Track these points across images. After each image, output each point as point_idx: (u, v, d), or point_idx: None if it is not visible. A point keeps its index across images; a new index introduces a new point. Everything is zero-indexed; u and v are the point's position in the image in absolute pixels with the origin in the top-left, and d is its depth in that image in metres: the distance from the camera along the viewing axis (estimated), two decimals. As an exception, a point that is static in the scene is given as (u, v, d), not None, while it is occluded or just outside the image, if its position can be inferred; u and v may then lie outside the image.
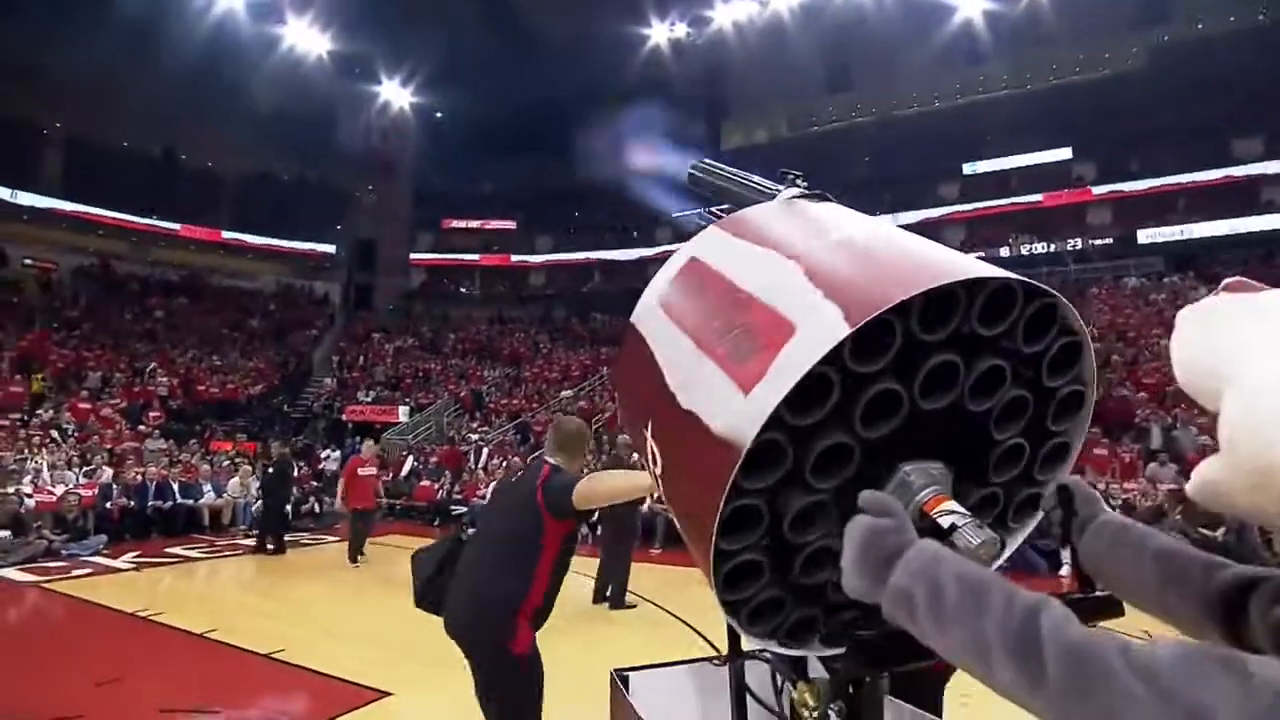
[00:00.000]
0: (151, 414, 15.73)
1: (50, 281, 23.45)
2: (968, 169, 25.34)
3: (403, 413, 19.39)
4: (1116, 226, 21.97)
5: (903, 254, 1.00)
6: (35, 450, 12.38)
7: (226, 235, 26.75)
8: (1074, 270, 20.57)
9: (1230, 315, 0.60)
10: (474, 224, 30.58)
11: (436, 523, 11.52)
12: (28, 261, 23.82)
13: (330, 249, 28.81)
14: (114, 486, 9.89)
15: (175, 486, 10.53)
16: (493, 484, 9.54)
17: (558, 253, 29.74)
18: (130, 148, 26.81)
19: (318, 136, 28.14)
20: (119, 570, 7.86)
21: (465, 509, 11.13)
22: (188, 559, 8.63)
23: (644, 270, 30.04)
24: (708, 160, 1.68)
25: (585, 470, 2.70)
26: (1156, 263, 19.65)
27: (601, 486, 2.42)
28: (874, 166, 28.52)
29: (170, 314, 23.19)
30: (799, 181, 1.37)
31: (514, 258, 30.30)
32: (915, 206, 25.81)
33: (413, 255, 30.38)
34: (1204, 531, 7.33)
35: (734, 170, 1.59)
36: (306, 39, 26.28)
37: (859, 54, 29.23)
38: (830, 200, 1.29)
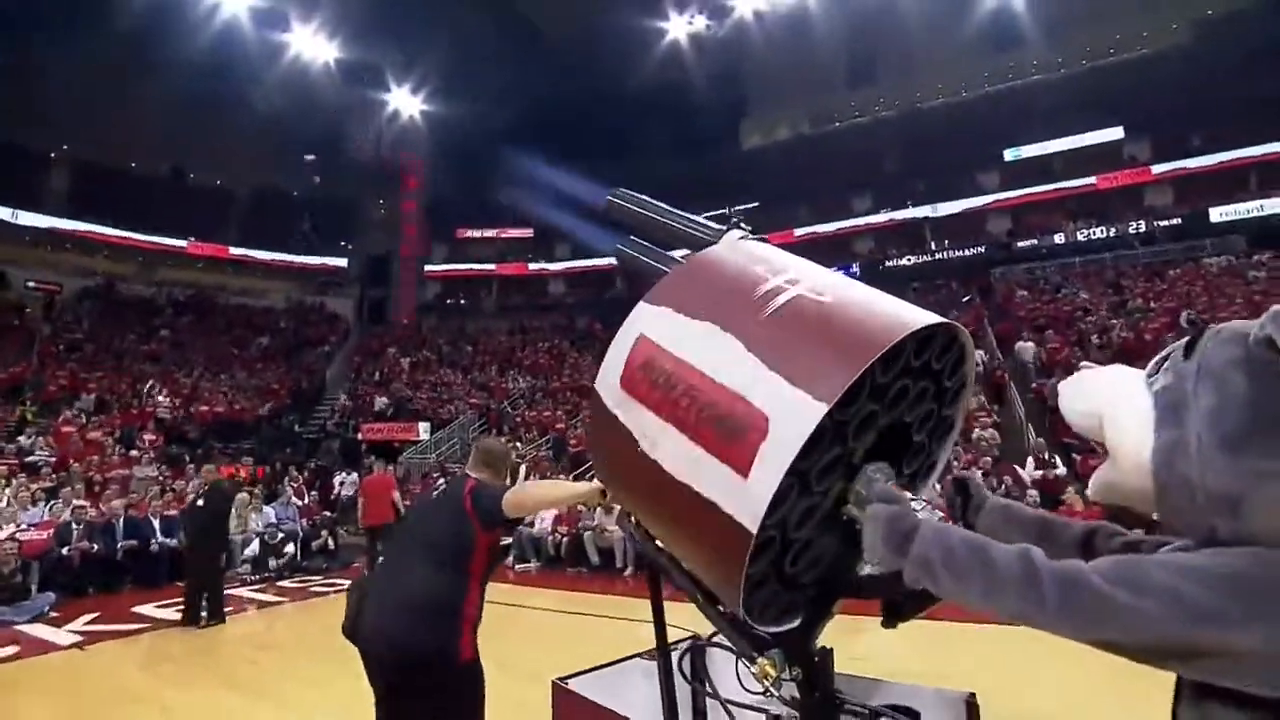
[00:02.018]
0: (146, 437, 13.46)
1: (54, 304, 21.52)
2: (1009, 155, 23.13)
3: (423, 429, 17.31)
4: (1181, 205, 19.68)
5: (857, 319, 1.12)
6: (4, 481, 10.21)
7: (234, 251, 24.73)
8: (1143, 253, 18.28)
9: (1096, 379, 0.92)
10: (489, 233, 28.43)
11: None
12: (31, 284, 21.97)
13: (342, 263, 26.70)
14: (74, 526, 7.58)
15: (156, 523, 8.22)
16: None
17: (577, 259, 27.44)
18: (137, 167, 25.09)
19: (327, 148, 26.27)
20: (55, 647, 5.53)
21: (510, 540, 8.83)
22: (158, 624, 6.28)
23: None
24: (625, 191, 1.64)
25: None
26: (1238, 241, 17.34)
27: (532, 495, 2.35)
28: (903, 159, 26.45)
29: (176, 333, 21.12)
30: (741, 224, 1.43)
31: (532, 266, 28.10)
32: (953, 196, 23.65)
33: (427, 267, 28.19)
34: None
35: (654, 202, 1.58)
36: (313, 47, 24.33)
37: (881, 47, 27.33)
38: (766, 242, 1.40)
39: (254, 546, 8.49)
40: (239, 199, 26.44)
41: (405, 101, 26.91)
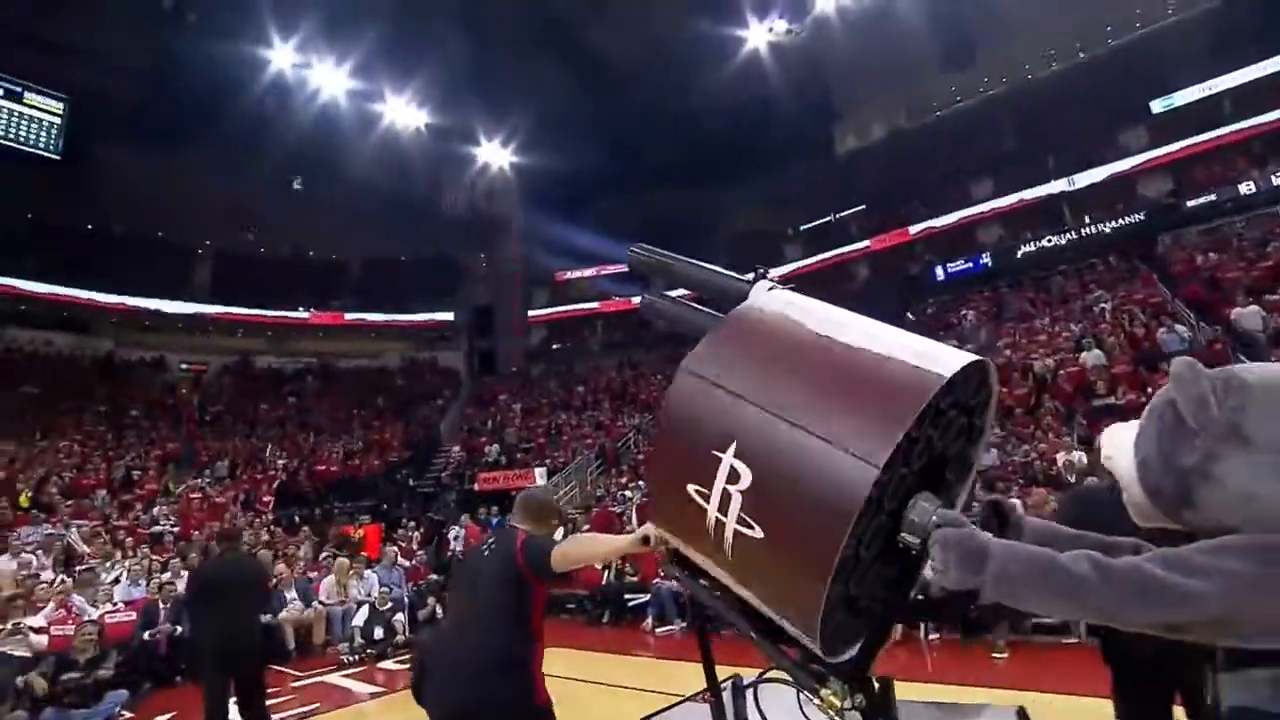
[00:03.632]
0: (263, 498, 12.90)
1: (201, 381, 22.57)
2: (1158, 106, 19.62)
3: (539, 475, 16.12)
4: None
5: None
6: (129, 553, 9.64)
7: (349, 317, 25.21)
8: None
9: (1113, 431, 1.10)
10: (588, 272, 27.58)
11: (605, 619, 7.44)
12: (184, 365, 23.24)
13: (449, 317, 26.64)
14: (162, 606, 6.54)
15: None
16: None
17: (680, 288, 25.89)
18: (265, 251, 26.41)
19: (425, 210, 26.55)
20: (101, 770, 4.28)
21: (647, 597, 7.01)
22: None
23: (775, 291, 25.73)
24: (646, 246, 1.67)
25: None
26: None
27: (575, 550, 2.26)
28: (1022, 136, 23.35)
29: (302, 399, 21.42)
30: (767, 275, 1.43)
31: (635, 300, 26.80)
32: (1092, 165, 20.30)
33: (530, 312, 27.64)
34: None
35: (676, 256, 1.62)
36: (405, 116, 24.87)
37: (974, 24, 24.57)
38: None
39: (361, 616, 7.17)
40: (352, 268, 27.19)
41: (495, 155, 26.90)
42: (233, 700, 4.26)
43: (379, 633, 7.00)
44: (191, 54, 21.13)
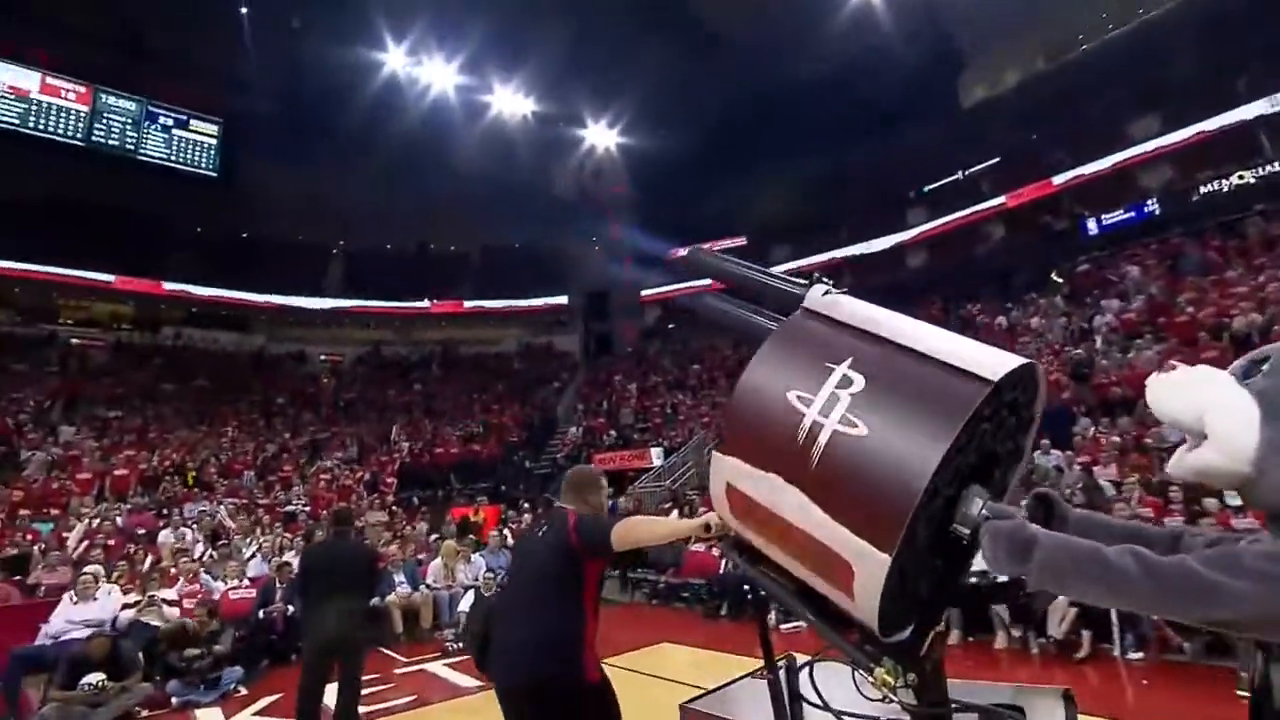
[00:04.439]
0: (386, 479, 13.23)
1: (337, 370, 24.03)
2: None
3: (655, 455, 15.69)
4: None
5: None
6: (266, 530, 10.08)
7: (469, 305, 25.98)
8: None
9: (1194, 378, 1.00)
10: (703, 247, 26.65)
11: (723, 611, 6.66)
12: (322, 357, 24.85)
13: (563, 300, 26.81)
14: (279, 585, 6.52)
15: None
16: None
17: (797, 259, 24.18)
18: (391, 248, 27.67)
19: (536, 197, 26.66)
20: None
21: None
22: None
23: (901, 257, 23.57)
24: (700, 247, 1.71)
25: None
26: None
27: (635, 530, 2.25)
28: (1197, 61, 19.52)
29: (427, 385, 22.23)
30: (823, 279, 1.42)
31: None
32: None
33: (644, 292, 27.12)
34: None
35: (730, 259, 1.62)
36: (512, 104, 25.02)
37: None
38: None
39: (466, 601, 6.87)
40: (470, 258, 27.97)
41: (602, 136, 26.52)
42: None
43: (486, 618, 6.66)
44: (316, 68, 22.29)
